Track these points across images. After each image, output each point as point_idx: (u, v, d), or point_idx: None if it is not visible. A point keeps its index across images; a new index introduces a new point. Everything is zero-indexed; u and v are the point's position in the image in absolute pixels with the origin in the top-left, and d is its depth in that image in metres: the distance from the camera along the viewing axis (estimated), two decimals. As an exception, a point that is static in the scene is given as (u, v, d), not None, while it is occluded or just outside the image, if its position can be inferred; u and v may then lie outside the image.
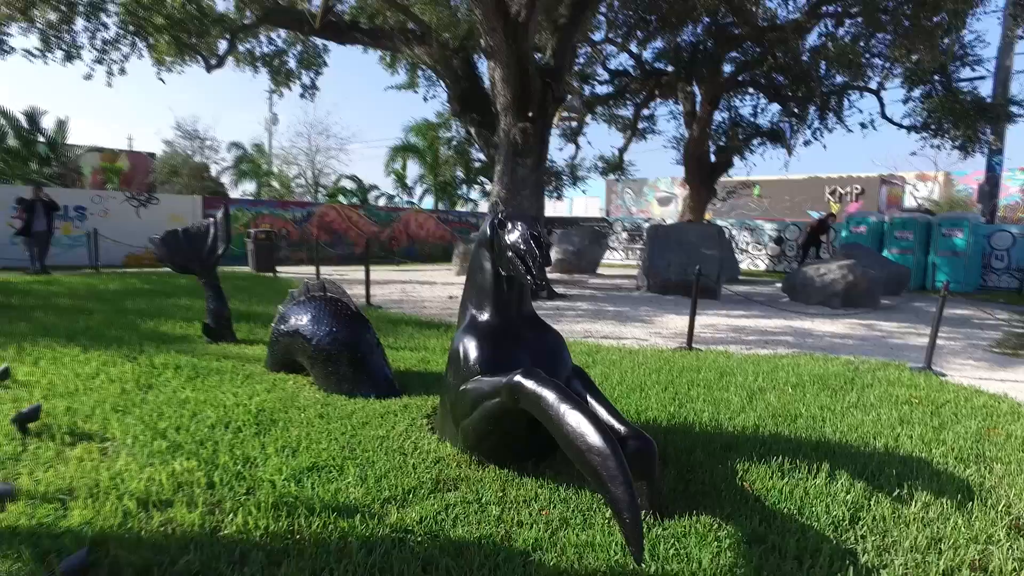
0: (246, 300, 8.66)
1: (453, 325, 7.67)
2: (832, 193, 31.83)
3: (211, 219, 5.87)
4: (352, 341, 4.41)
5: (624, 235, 28.07)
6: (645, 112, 22.81)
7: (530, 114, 9.90)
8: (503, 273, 3.20)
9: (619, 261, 26.23)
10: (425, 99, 22.56)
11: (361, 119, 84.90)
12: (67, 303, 8.30)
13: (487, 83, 12.51)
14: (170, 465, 2.95)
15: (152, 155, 27.79)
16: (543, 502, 2.82)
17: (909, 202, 33.84)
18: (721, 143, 20.46)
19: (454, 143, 25.08)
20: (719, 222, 24.41)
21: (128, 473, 2.85)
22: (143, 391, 4.20)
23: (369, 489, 2.82)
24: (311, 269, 16.39)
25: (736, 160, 20.86)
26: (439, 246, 24.31)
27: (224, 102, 78.19)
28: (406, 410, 4.02)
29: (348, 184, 29.40)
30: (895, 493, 3.09)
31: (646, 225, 28.78)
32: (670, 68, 19.26)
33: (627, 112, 23.02)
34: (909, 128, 17.49)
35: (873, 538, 2.65)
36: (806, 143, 16.71)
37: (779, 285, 14.77)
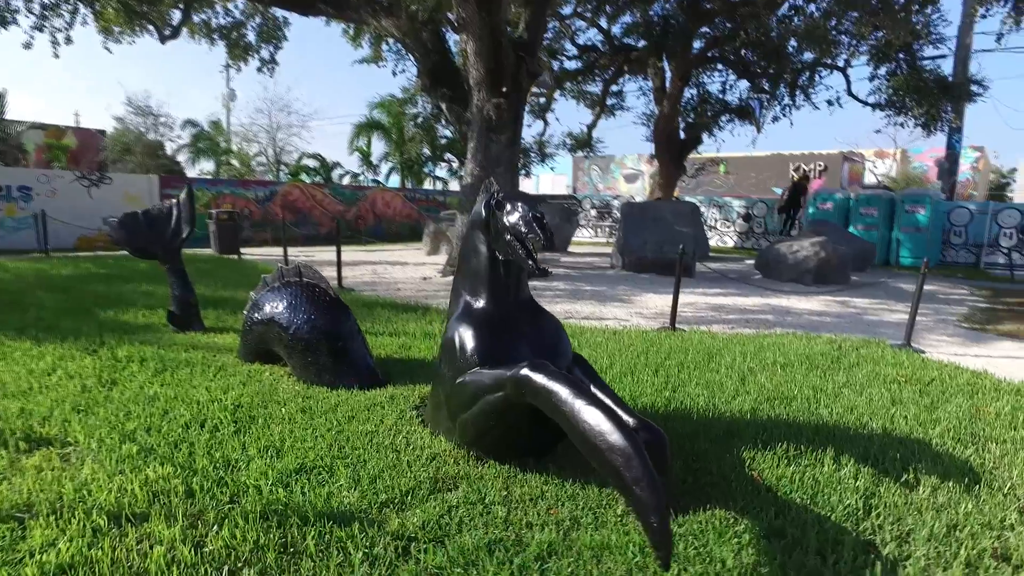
0: (211, 285, 8.24)
1: (431, 308, 7.44)
2: (796, 170, 32.26)
3: (174, 200, 5.48)
4: (332, 329, 4.16)
5: (593, 212, 27.98)
6: (614, 88, 22.65)
7: (504, 89, 9.60)
8: (500, 257, 3.00)
9: (588, 239, 26.16)
10: (394, 73, 21.94)
11: (323, 95, 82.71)
12: (15, 291, 7.76)
13: (458, 58, 12.13)
14: (142, 472, 2.69)
15: (102, 132, 26.44)
16: (550, 500, 2.67)
17: (869, 179, 34.58)
18: (690, 119, 20.45)
19: (420, 119, 24.48)
20: (687, 199, 24.53)
21: (95, 483, 2.58)
22: (106, 388, 3.88)
23: (364, 492, 2.62)
24: (277, 250, 15.84)
25: (704, 137, 20.92)
26: (406, 225, 23.90)
27: (178, 77, 74.96)
28: (393, 402, 3.81)
29: (311, 162, 28.55)
30: (902, 478, 3.04)
31: (615, 202, 28.82)
32: (640, 43, 19.06)
33: (596, 88, 22.84)
34: (874, 106, 17.72)
35: (890, 527, 2.58)
36: (775, 119, 16.80)
37: (749, 262, 14.91)
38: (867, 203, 17.46)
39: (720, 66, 19.65)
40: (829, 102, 18.35)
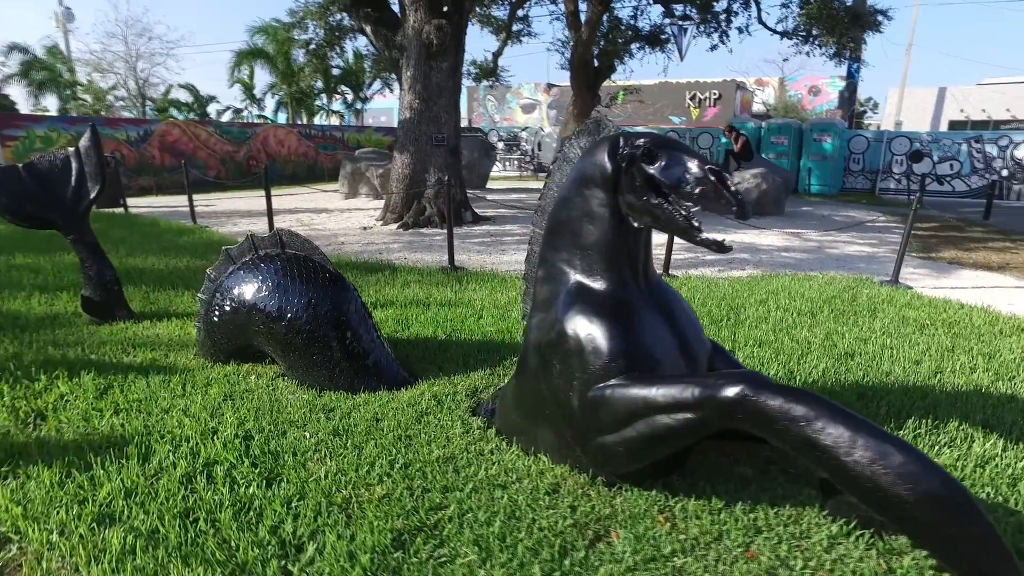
0: (112, 251, 6.58)
1: (396, 266, 6.47)
2: (692, 98, 32.67)
3: (71, 149, 4.06)
4: (340, 316, 3.22)
5: (501, 145, 27.03)
6: (520, 13, 21.38)
7: (444, 8, 8.36)
8: (636, 225, 2.24)
9: (498, 173, 25.18)
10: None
11: (190, 18, 72.91)
12: None
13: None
14: (164, 584, 1.76)
15: None
16: (736, 536, 2.06)
17: (755, 107, 35.85)
18: (600, 45, 19.76)
19: (312, 46, 21.84)
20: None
21: (96, 619, 1.64)
22: (33, 425, 2.73)
23: (506, 566, 1.88)
24: (166, 200, 13.68)
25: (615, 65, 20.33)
26: (303, 164, 21.81)
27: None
28: (441, 406, 3.01)
29: (182, 96, 24.97)
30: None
31: (523, 134, 27.97)
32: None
33: (501, 13, 21.43)
34: (782, 34, 17.93)
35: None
36: (713, 48, 16.48)
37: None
38: (778, 132, 17.89)
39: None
40: (739, 30, 18.34)
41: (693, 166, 1.99)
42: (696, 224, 2.07)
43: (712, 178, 1.94)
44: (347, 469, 2.39)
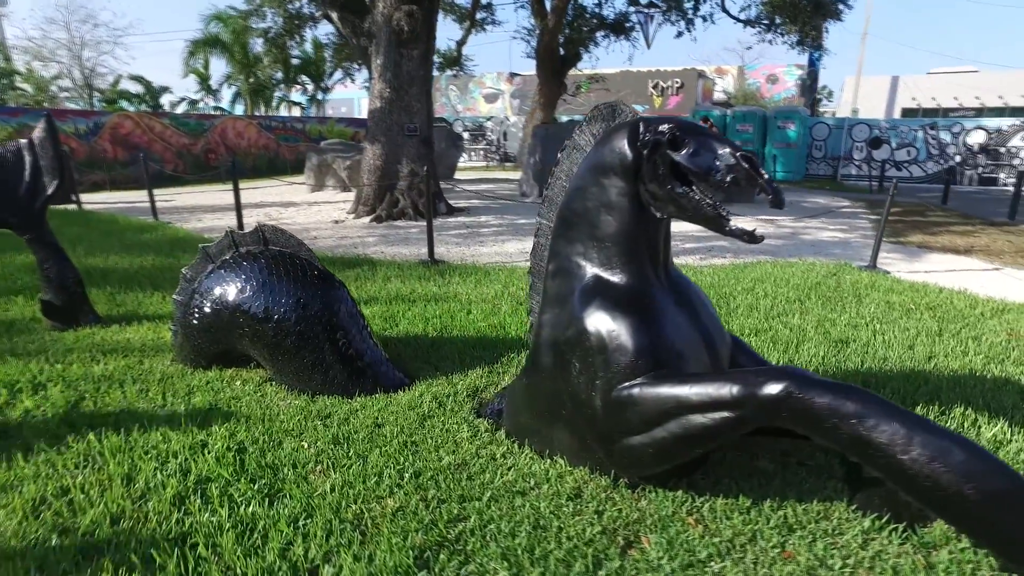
0: (70, 250, 6.10)
1: (375, 260, 6.26)
2: (655, 87, 32.80)
3: (23, 141, 3.74)
4: (332, 316, 3.04)
5: (466, 135, 26.77)
6: (484, 1, 21.11)
7: (415, -7, 8.11)
8: (658, 214, 2.13)
9: (465, 163, 24.93)
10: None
11: (138, 5, 69.66)
12: None
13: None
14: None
15: None
16: (769, 535, 1.99)
17: (716, 95, 36.19)
18: (566, 33, 19.67)
19: (270, 35, 21.11)
20: (564, 119, 24.09)
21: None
22: (-2, 445, 2.49)
23: (540, 583, 1.76)
24: (123, 196, 13.03)
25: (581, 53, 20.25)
26: (264, 156, 21.15)
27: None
28: (442, 408, 2.87)
29: (132, 86, 23.88)
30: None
31: (488, 124, 27.73)
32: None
33: (465, 1, 21.12)
34: (745, 22, 18.12)
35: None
36: (679, 35, 16.52)
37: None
38: (743, 119, 18.10)
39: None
40: (704, 18, 18.47)
41: (724, 152, 1.89)
42: (724, 213, 1.97)
43: (745, 165, 1.84)
44: (354, 481, 2.24)
